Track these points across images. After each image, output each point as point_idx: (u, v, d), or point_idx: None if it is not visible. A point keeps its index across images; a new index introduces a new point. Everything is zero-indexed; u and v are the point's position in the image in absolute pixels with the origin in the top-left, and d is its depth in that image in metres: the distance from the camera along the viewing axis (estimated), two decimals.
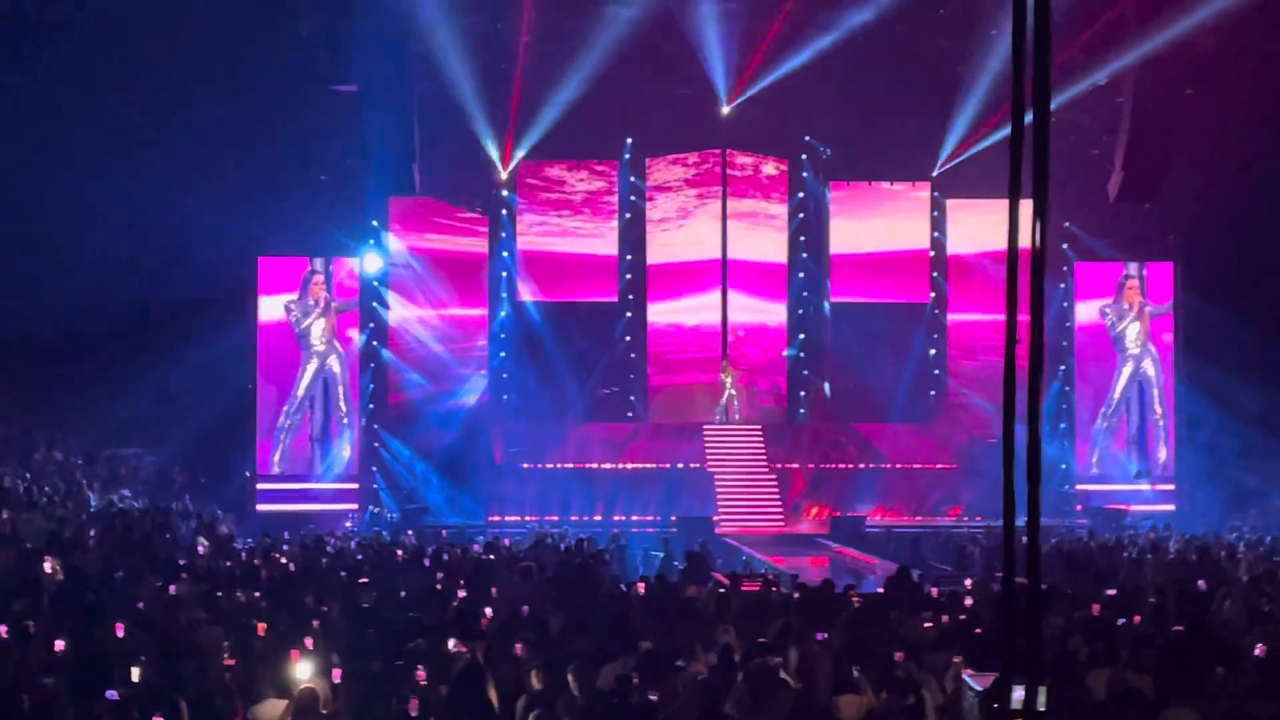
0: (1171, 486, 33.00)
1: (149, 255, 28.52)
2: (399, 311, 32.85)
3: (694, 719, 9.87)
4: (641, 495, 30.81)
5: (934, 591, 16.76)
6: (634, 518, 30.13)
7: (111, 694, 10.17)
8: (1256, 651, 11.55)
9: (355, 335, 32.44)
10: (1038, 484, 5.25)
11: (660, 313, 33.95)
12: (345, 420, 32.27)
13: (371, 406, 32.58)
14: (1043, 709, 5.75)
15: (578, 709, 10.02)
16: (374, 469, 32.20)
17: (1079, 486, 33.03)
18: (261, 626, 12.79)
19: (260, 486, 31.69)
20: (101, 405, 28.73)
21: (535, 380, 33.01)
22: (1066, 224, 32.88)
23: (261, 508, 30.91)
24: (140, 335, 28.78)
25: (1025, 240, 5.78)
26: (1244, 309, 30.94)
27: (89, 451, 28.89)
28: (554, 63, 30.06)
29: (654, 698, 10.04)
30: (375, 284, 32.55)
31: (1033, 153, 5.48)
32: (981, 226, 32.96)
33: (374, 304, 32.56)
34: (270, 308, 32.18)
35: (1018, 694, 5.56)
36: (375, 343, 32.62)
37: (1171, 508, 31.96)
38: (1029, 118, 5.85)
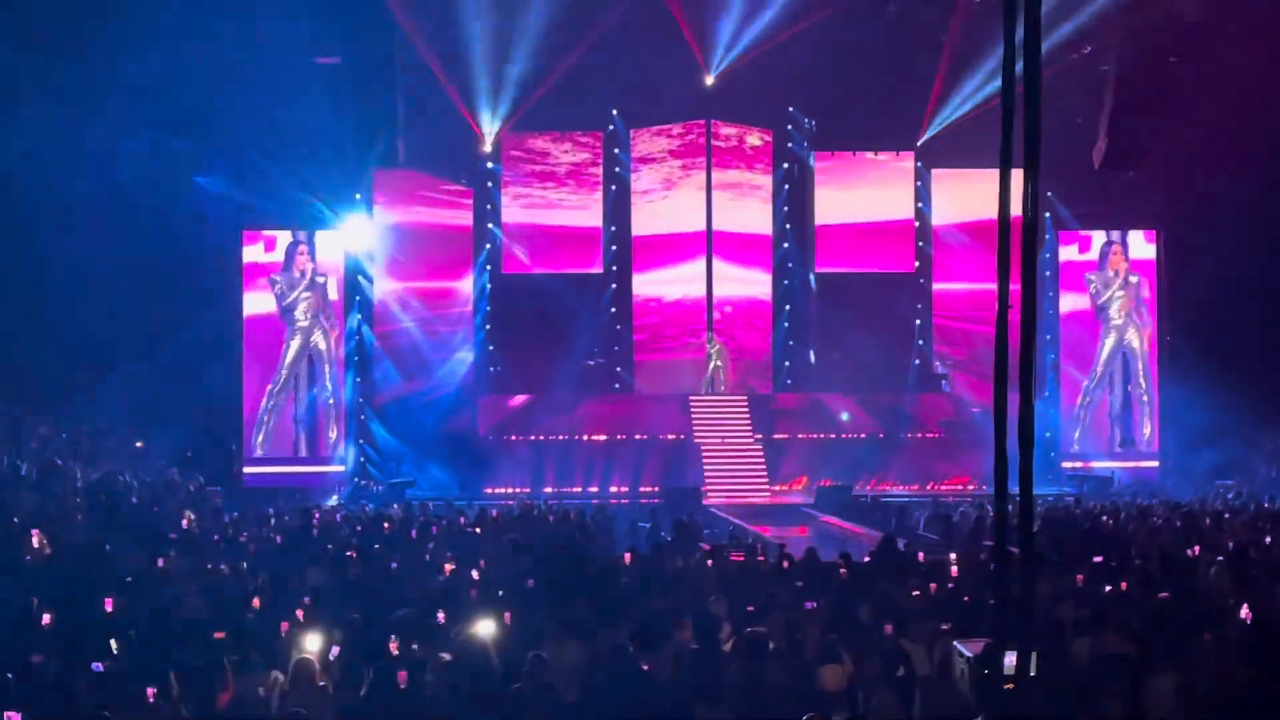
0: (1155, 464, 33.01)
1: (128, 229, 28.29)
2: (383, 285, 32.66)
3: (685, 688, 9.90)
4: (628, 466, 30.86)
5: (920, 557, 16.80)
6: (621, 489, 30.25)
7: (97, 666, 10.15)
8: (1242, 614, 11.60)
9: (340, 309, 32.18)
10: (1030, 451, 5.31)
11: (645, 284, 33.96)
12: (331, 400, 32.02)
13: (358, 380, 32.42)
14: (1032, 675, 5.80)
15: (574, 679, 10.04)
16: (361, 442, 32.08)
17: (1065, 465, 33.03)
18: (256, 600, 12.78)
19: (245, 470, 31.44)
20: (84, 381, 28.53)
21: (521, 352, 33.02)
22: (1049, 193, 32.77)
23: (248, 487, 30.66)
24: (122, 309, 28.56)
25: (1014, 209, 5.80)
26: (1227, 277, 30.93)
27: (73, 426, 28.70)
28: (538, 34, 29.92)
29: (645, 667, 10.06)
30: (359, 257, 32.37)
31: (1024, 122, 5.51)
32: (965, 195, 33.01)
33: (359, 277, 32.36)
34: (255, 281, 31.87)
35: (1009, 660, 5.62)
36: (360, 316, 32.44)
37: (1155, 477, 32.01)
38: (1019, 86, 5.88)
